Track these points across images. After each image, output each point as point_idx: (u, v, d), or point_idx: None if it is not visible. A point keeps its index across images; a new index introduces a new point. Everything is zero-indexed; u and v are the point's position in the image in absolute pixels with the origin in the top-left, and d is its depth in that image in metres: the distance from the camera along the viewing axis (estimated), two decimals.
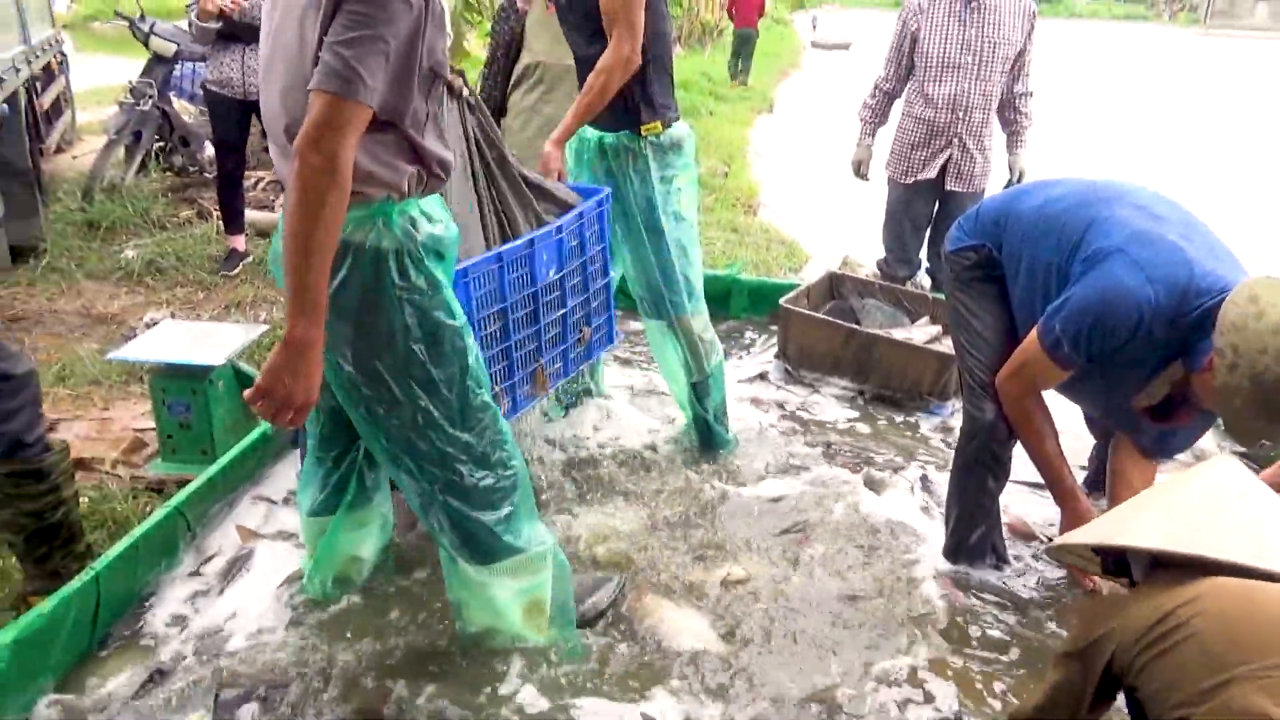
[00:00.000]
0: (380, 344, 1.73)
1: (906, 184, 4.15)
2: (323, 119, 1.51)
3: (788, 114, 13.50)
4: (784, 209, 7.18)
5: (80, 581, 1.99)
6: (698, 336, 2.90)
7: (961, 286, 2.45)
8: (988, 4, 3.85)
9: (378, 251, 1.68)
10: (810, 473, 2.99)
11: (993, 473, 2.42)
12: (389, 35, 1.54)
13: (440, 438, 1.82)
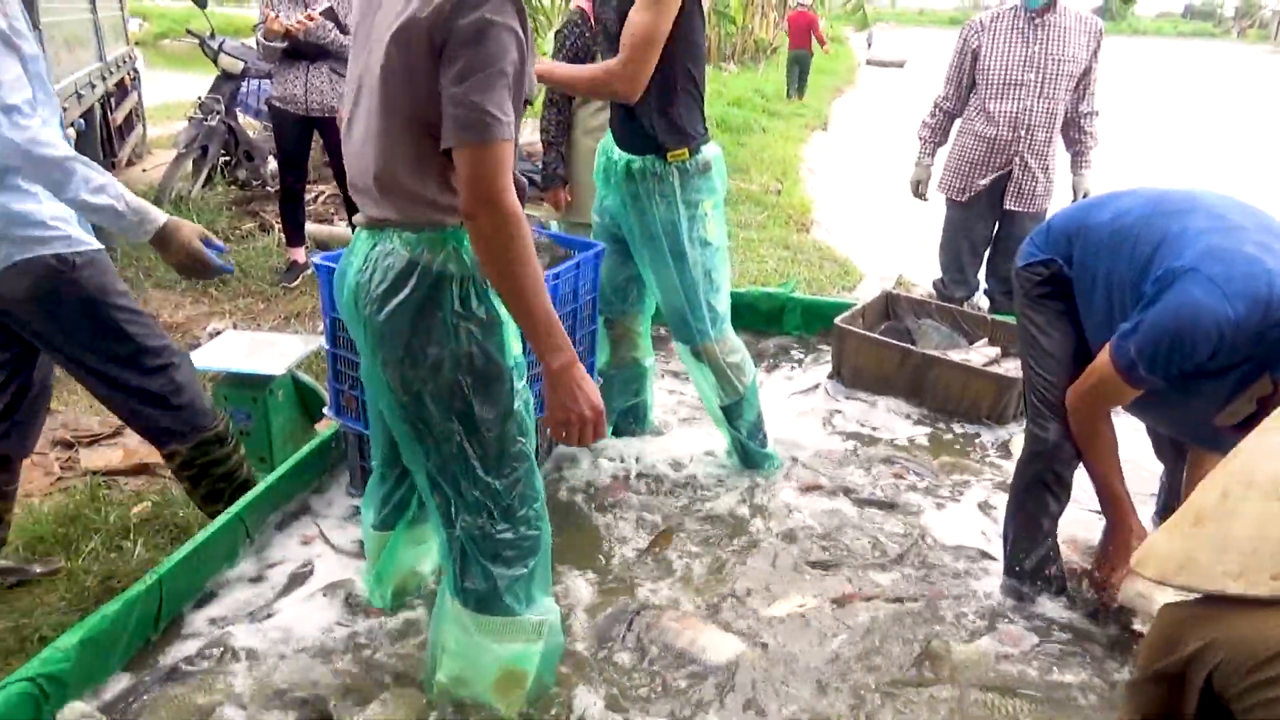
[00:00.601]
0: (428, 370, 1.69)
1: (964, 203, 4.11)
2: (474, 173, 1.51)
3: (842, 131, 13.45)
4: (837, 227, 7.14)
5: (143, 584, 2.04)
6: (723, 362, 2.88)
7: (1031, 303, 2.39)
8: (1052, 21, 3.80)
9: (442, 276, 1.65)
10: (862, 492, 2.96)
11: (1054, 494, 2.37)
12: (506, 65, 1.52)
13: (469, 479, 1.75)
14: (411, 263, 1.65)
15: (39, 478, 3.03)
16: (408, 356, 1.69)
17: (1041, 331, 2.36)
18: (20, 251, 2.03)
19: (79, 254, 2.10)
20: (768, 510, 2.85)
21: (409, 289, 1.66)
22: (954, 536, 2.74)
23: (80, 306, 2.11)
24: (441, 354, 1.67)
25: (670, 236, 2.68)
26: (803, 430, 3.38)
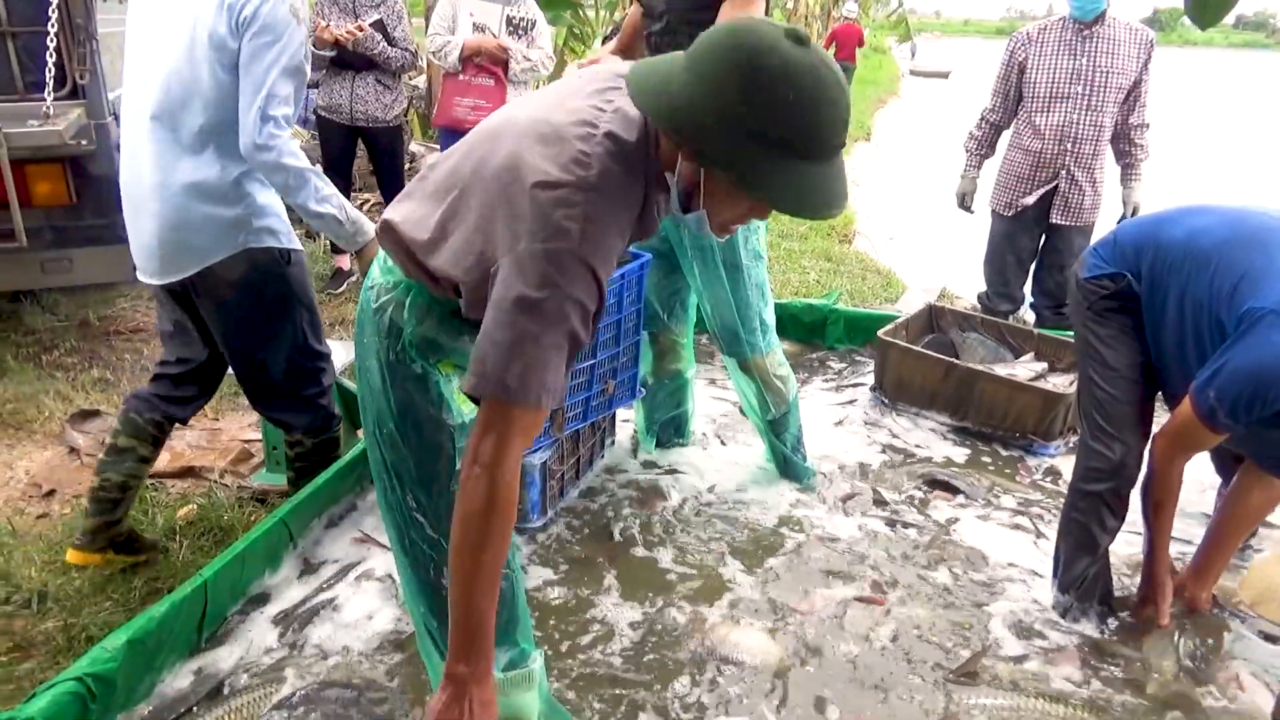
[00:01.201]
0: (374, 412, 1.60)
1: (1009, 216, 4.05)
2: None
3: (885, 142, 13.34)
4: (880, 238, 7.07)
5: (189, 587, 2.06)
6: (773, 375, 2.87)
7: (1095, 316, 2.32)
8: (1101, 33, 3.74)
9: (391, 320, 1.54)
10: (902, 505, 2.92)
11: (1113, 512, 2.33)
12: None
13: (418, 533, 1.64)
14: (369, 290, 1.57)
15: (89, 479, 3.08)
16: (367, 392, 1.62)
17: (1105, 345, 2.29)
18: (254, 240, 2.23)
19: (295, 252, 2.33)
20: (807, 521, 2.82)
21: (368, 321, 1.58)
22: (997, 551, 2.70)
23: (277, 298, 2.31)
24: (393, 402, 1.57)
25: (725, 249, 2.67)
26: (843, 442, 3.35)
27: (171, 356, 2.52)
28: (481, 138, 1.48)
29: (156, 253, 2.23)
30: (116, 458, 2.46)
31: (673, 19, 2.56)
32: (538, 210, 1.29)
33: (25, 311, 4.44)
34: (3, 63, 3.64)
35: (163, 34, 2.15)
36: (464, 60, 4.47)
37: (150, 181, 2.19)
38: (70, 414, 3.45)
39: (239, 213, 2.20)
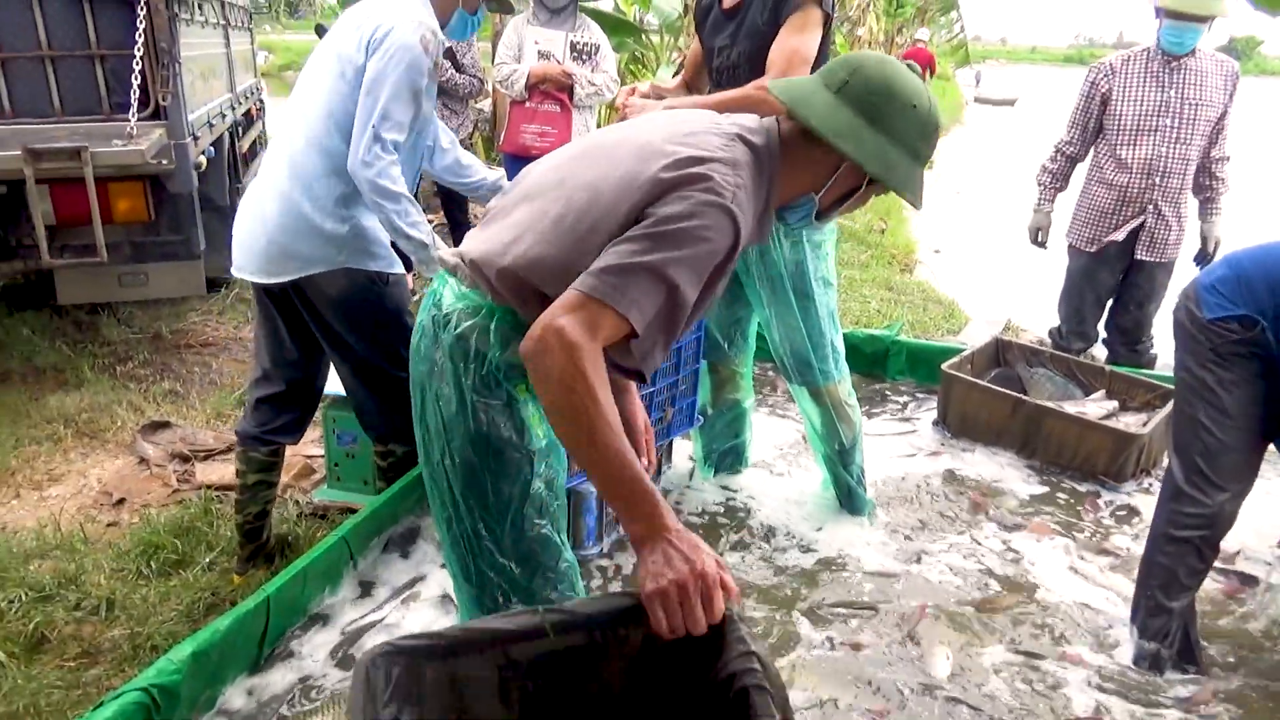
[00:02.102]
0: (445, 441, 1.59)
1: (1092, 252, 3.93)
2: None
3: (948, 170, 13.18)
4: (942, 268, 6.98)
5: (252, 603, 2.09)
6: (844, 404, 2.84)
7: (1219, 360, 2.19)
8: (1189, 64, 3.64)
9: (466, 346, 1.54)
10: (966, 543, 2.85)
11: (1203, 558, 2.24)
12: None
13: (486, 561, 1.62)
14: (445, 319, 1.56)
15: (158, 489, 3.16)
16: (436, 421, 1.59)
17: (1225, 390, 2.17)
18: (353, 260, 2.33)
19: (393, 275, 2.42)
20: (867, 555, 2.77)
21: (441, 349, 1.56)
22: (1067, 594, 2.61)
23: (375, 316, 2.41)
24: (466, 429, 1.56)
25: (796, 276, 2.65)
26: (905, 476, 3.28)
27: (263, 374, 2.59)
28: (584, 161, 1.54)
29: (264, 253, 2.34)
30: (250, 493, 2.62)
31: (736, 56, 2.57)
32: (688, 176, 1.41)
33: (102, 323, 4.58)
34: (91, 84, 3.79)
35: (320, 60, 2.32)
36: (530, 88, 4.53)
37: (276, 188, 2.31)
38: (141, 425, 3.54)
39: (342, 232, 2.31)
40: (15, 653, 2.28)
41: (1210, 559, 2.25)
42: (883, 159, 1.52)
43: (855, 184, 1.61)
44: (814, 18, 2.45)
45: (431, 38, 2.26)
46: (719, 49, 2.62)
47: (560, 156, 1.63)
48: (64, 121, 3.76)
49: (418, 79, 2.22)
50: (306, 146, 2.29)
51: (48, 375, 4.05)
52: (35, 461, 3.31)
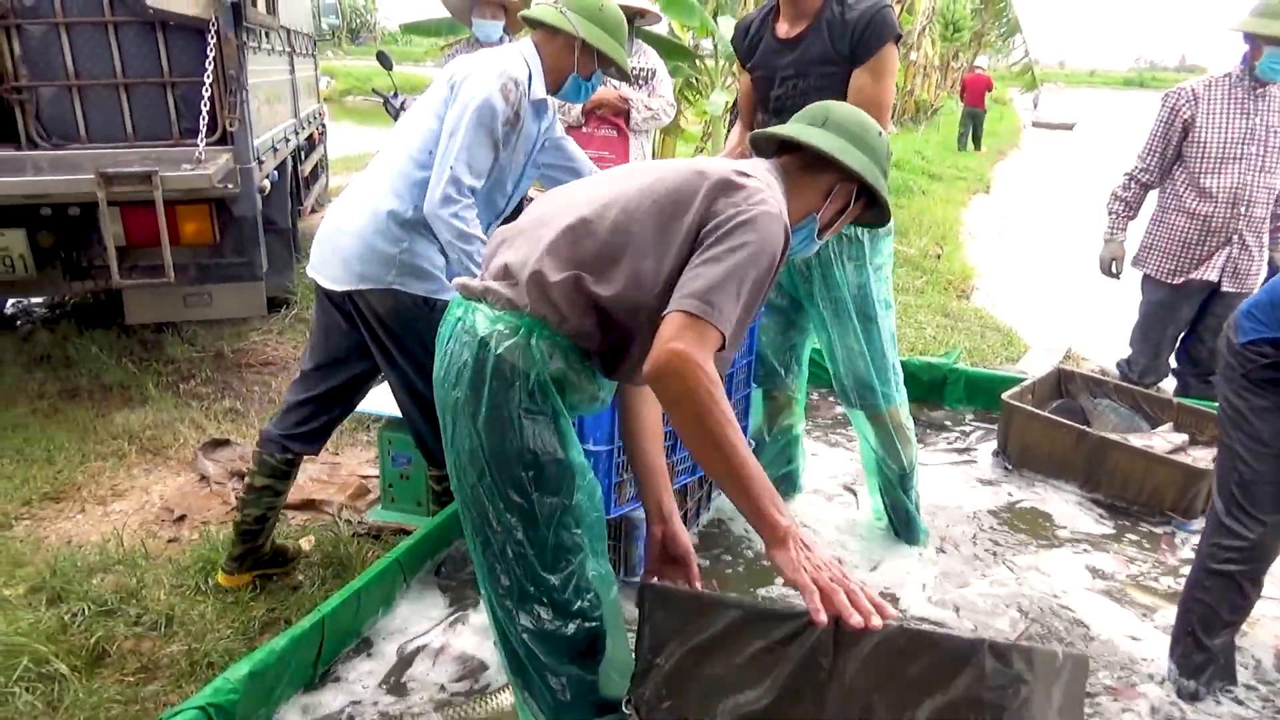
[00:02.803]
0: (491, 459, 1.62)
1: (1174, 284, 3.81)
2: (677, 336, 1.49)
3: (1005, 195, 13.01)
4: (1000, 294, 6.86)
5: (308, 623, 2.11)
6: (904, 427, 2.81)
7: (1252, 386, 2.14)
8: (1274, 91, 3.53)
9: (512, 365, 1.59)
10: (1022, 573, 2.77)
11: (1244, 594, 2.17)
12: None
13: (527, 576, 1.66)
14: (483, 342, 1.60)
15: (217, 505, 3.21)
16: (473, 443, 1.63)
17: (1258, 417, 2.11)
18: (401, 282, 2.38)
19: (442, 301, 2.42)
20: (926, 584, 2.72)
21: (480, 372, 1.61)
22: (1123, 628, 2.54)
23: (422, 339, 2.37)
24: (506, 447, 1.60)
25: (859, 299, 2.64)
26: (962, 506, 3.22)
27: (305, 374, 2.64)
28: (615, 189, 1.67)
29: (329, 258, 2.44)
30: (255, 495, 2.63)
31: (805, 87, 2.55)
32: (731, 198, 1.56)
33: (167, 342, 4.69)
34: (162, 110, 3.90)
35: (427, 95, 2.45)
36: (586, 113, 4.56)
37: (356, 202, 2.43)
38: (202, 442, 3.60)
39: (394, 253, 2.36)
40: (77, 666, 2.31)
41: (1253, 594, 2.18)
42: (871, 173, 1.77)
43: (844, 203, 1.81)
44: (892, 57, 2.47)
45: (513, 88, 2.31)
46: (780, 79, 2.60)
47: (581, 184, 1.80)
48: (136, 146, 3.88)
49: (494, 126, 2.29)
50: (388, 169, 2.40)
51: (114, 392, 4.15)
52: (100, 477, 3.39)
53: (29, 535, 3.00)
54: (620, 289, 1.57)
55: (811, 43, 2.52)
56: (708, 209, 1.56)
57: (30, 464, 3.42)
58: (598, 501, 1.73)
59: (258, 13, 4.18)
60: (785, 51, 2.59)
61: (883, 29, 2.43)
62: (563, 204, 1.69)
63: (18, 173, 3.54)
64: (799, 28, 2.55)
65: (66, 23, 3.72)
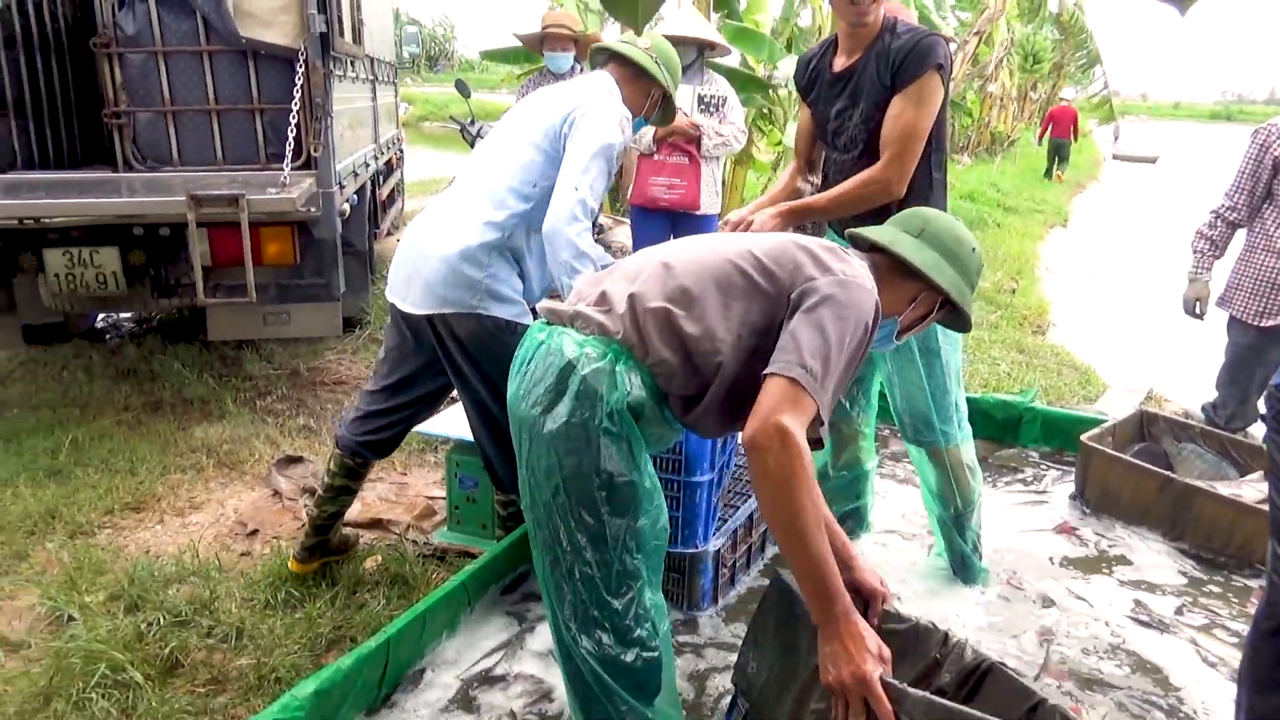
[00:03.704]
0: (566, 478, 1.68)
1: (1262, 327, 3.67)
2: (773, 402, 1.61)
3: (1084, 229, 12.70)
4: (1077, 331, 6.68)
5: (374, 644, 2.13)
6: (963, 466, 2.74)
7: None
8: None
9: (595, 387, 1.66)
10: (1098, 623, 2.66)
11: None
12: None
13: (590, 595, 1.72)
14: (569, 364, 1.68)
15: (288, 522, 3.28)
16: (549, 461, 1.69)
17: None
18: (485, 306, 2.43)
19: (523, 325, 2.46)
20: (989, 629, 2.64)
21: (563, 392, 1.67)
22: (1205, 687, 2.42)
23: (502, 362, 2.42)
24: (582, 466, 1.66)
25: (921, 334, 2.59)
26: (1036, 549, 3.11)
27: (376, 387, 2.73)
28: (713, 242, 1.84)
29: (412, 282, 2.49)
30: (333, 494, 2.77)
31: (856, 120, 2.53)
32: (828, 268, 1.69)
33: (246, 359, 4.83)
34: (250, 136, 4.04)
35: (517, 125, 2.52)
36: (658, 140, 4.60)
37: (440, 227, 2.47)
38: (276, 458, 3.69)
39: (480, 278, 2.41)
40: (151, 675, 2.37)
41: None
42: (959, 289, 1.85)
43: (926, 312, 1.90)
44: (932, 86, 2.41)
45: (626, 124, 2.45)
46: (835, 112, 2.58)
47: (678, 241, 1.93)
48: (224, 169, 4.02)
49: (613, 157, 2.41)
50: (480, 198, 2.45)
51: (195, 406, 4.28)
52: (179, 489, 3.49)
53: (110, 543, 3.09)
54: (704, 330, 1.67)
55: (862, 75, 2.50)
56: (804, 274, 1.68)
57: (114, 474, 3.54)
58: (659, 530, 1.78)
59: (344, 43, 4.30)
60: (838, 88, 2.57)
61: (925, 56, 2.38)
62: (658, 253, 1.82)
63: (114, 194, 3.69)
64: (853, 60, 2.53)
65: (165, 51, 3.89)
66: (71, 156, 4.48)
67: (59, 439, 3.78)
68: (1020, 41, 19.02)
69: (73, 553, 2.97)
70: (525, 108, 2.55)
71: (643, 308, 1.69)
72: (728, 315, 1.68)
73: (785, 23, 9.37)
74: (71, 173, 4.22)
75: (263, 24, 3.88)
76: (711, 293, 1.69)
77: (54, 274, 3.71)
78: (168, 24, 3.87)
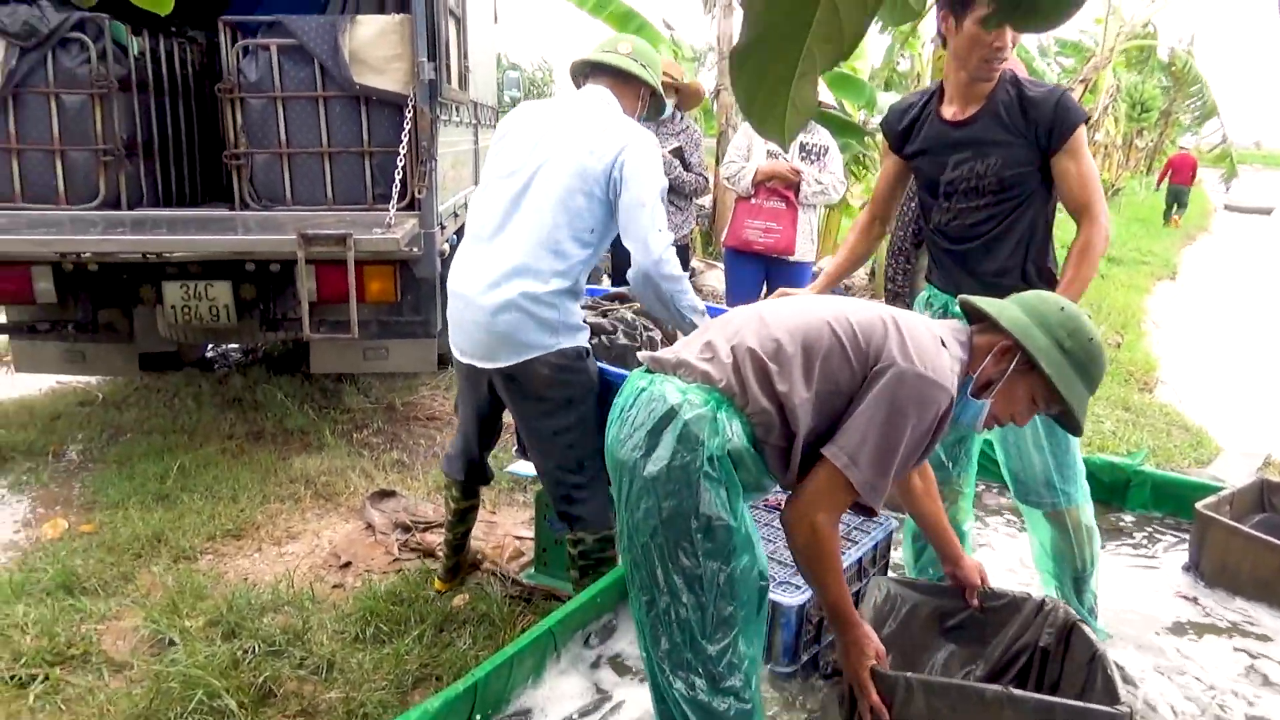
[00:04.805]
0: (665, 521, 1.74)
1: None
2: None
3: (1193, 282, 12.20)
4: (1187, 389, 6.38)
5: (461, 687, 2.12)
6: (1084, 526, 2.64)
7: None
8: None
9: (698, 434, 1.72)
10: (1213, 702, 2.49)
11: None
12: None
13: (684, 639, 1.78)
14: (672, 410, 1.74)
15: (380, 555, 3.33)
16: (649, 503, 1.75)
17: None
18: (559, 341, 2.51)
19: (588, 349, 2.62)
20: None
21: (665, 437, 1.74)
22: None
23: (578, 387, 2.57)
24: (682, 508, 1.72)
25: None
26: (1148, 617, 2.94)
27: (461, 433, 2.91)
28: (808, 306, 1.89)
29: (484, 342, 2.54)
30: (460, 517, 3.01)
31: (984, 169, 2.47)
32: (906, 353, 1.74)
33: (345, 392, 4.96)
34: (359, 178, 4.19)
35: (548, 170, 2.51)
36: (756, 184, 4.60)
37: (486, 282, 2.49)
38: (370, 492, 3.76)
39: (556, 316, 2.50)
40: (245, 703, 2.42)
41: None
42: (1081, 406, 1.87)
43: (1004, 366, 1.87)
44: (1082, 138, 2.43)
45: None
46: (955, 162, 2.53)
47: (771, 301, 2.07)
48: (333, 209, 4.16)
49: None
50: (538, 248, 2.48)
51: (295, 437, 4.40)
52: (277, 518, 3.58)
53: (211, 569, 3.19)
54: (791, 386, 1.74)
55: (987, 124, 2.46)
56: (886, 352, 1.73)
57: (217, 500, 3.66)
58: (755, 579, 1.81)
59: (451, 89, 4.44)
60: (956, 135, 2.51)
61: (1073, 114, 2.39)
62: (756, 309, 1.91)
63: (230, 231, 3.86)
64: (970, 110, 2.49)
65: (283, 97, 4.06)
66: (192, 194, 4.72)
67: (168, 464, 3.94)
68: (1128, 89, 18.55)
69: (176, 577, 3.07)
70: (537, 141, 2.55)
71: (743, 359, 1.76)
72: (811, 374, 1.75)
73: (884, 69, 9.34)
74: (192, 210, 4.43)
75: (375, 71, 4.03)
76: (801, 351, 1.76)
77: (171, 305, 3.88)
78: (287, 71, 4.06)
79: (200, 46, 4.86)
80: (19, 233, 3.63)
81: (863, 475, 1.70)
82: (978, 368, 1.87)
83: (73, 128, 3.99)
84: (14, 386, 5.11)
